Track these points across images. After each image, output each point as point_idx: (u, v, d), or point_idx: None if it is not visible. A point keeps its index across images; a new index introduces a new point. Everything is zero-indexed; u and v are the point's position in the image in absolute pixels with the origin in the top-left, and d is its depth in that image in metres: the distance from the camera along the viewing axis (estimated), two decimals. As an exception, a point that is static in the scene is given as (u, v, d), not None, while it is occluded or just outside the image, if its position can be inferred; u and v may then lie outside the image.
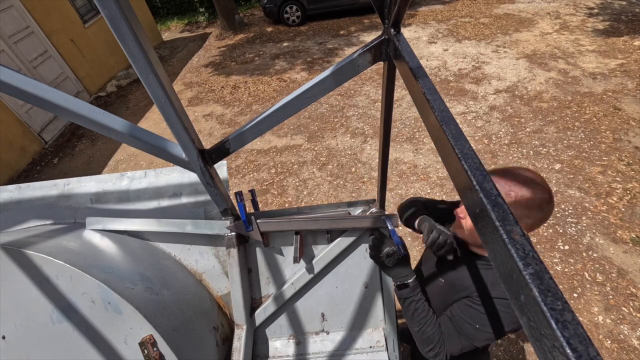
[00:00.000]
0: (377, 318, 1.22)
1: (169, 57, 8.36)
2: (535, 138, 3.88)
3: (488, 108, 4.50)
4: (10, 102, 4.79)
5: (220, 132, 4.98)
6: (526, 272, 0.28)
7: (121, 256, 1.02)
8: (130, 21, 0.55)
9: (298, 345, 1.22)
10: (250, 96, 5.80)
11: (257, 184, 3.87)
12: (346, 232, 1.12)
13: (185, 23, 11.14)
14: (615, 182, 3.18)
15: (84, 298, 0.85)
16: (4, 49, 5.00)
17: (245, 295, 1.12)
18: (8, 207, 1.10)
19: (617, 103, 4.18)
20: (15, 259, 0.83)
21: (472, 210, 0.38)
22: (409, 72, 0.56)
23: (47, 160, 5.10)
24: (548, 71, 5.06)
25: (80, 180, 1.15)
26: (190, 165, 0.82)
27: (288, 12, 8.56)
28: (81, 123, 0.70)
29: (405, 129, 4.36)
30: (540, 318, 0.26)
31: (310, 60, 6.76)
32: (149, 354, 0.85)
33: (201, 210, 1.13)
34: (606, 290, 2.42)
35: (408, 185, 3.51)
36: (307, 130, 4.67)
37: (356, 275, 1.18)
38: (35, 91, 0.65)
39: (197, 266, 1.19)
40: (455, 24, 7.26)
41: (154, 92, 0.66)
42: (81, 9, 6.85)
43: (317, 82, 0.71)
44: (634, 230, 2.76)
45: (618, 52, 5.21)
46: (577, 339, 0.24)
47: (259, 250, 1.16)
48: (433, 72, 5.52)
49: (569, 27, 6.25)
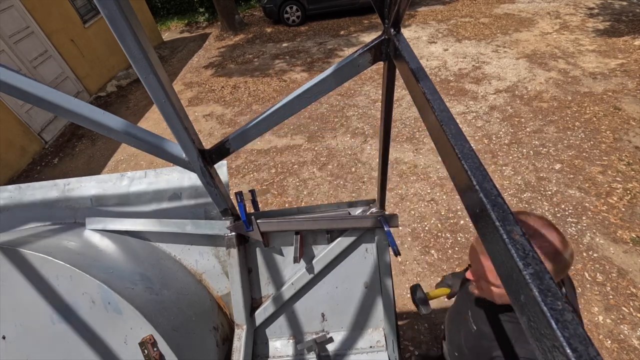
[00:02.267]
0: (377, 318, 1.22)
1: (169, 57, 8.36)
2: (535, 138, 3.87)
3: (488, 108, 4.50)
4: (11, 102, 4.79)
5: (220, 132, 4.98)
6: (526, 272, 0.28)
7: (121, 256, 1.02)
8: (130, 21, 0.55)
9: (298, 345, 1.22)
10: (250, 96, 5.80)
11: (257, 184, 3.87)
12: (346, 232, 1.12)
13: (185, 23, 11.14)
14: (615, 182, 3.18)
15: (84, 298, 0.85)
16: (4, 49, 5.00)
17: (245, 295, 1.12)
18: (8, 207, 1.10)
19: (617, 103, 4.18)
20: (15, 259, 0.83)
21: (472, 210, 0.38)
22: (409, 72, 0.56)
23: (47, 161, 5.11)
24: (548, 71, 5.06)
25: (81, 181, 1.15)
26: (190, 165, 0.82)
27: (288, 12, 8.56)
28: (81, 123, 0.70)
29: (405, 129, 4.36)
30: (541, 318, 0.26)
31: (310, 60, 6.76)
32: (149, 354, 0.85)
33: (201, 210, 1.13)
34: (606, 290, 2.42)
35: (408, 185, 3.51)
36: (307, 130, 4.67)
37: (356, 275, 1.18)
38: (35, 91, 0.65)
39: (197, 266, 1.19)
40: (455, 23, 7.25)
41: (154, 92, 0.66)
42: (81, 9, 6.85)
43: (318, 82, 0.71)
44: (634, 230, 2.76)
45: (618, 52, 5.21)
46: (577, 339, 0.24)
47: (259, 250, 1.16)
48: (433, 72, 5.52)
49: (569, 27, 6.25)
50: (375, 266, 1.16)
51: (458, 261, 2.74)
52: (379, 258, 1.14)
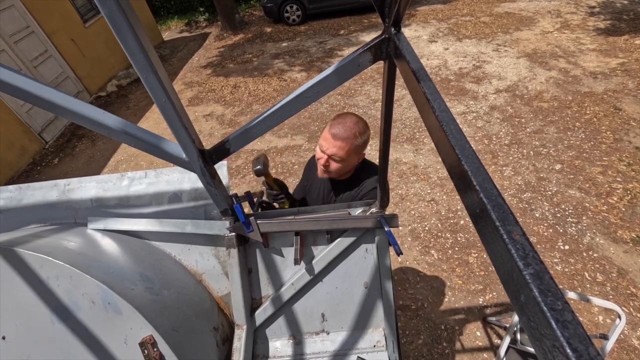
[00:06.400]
0: (378, 318, 1.22)
1: (169, 57, 8.36)
2: (535, 138, 3.87)
3: (488, 108, 4.49)
4: (11, 102, 4.79)
5: (220, 132, 4.98)
6: (526, 272, 0.28)
7: (121, 256, 1.02)
8: (130, 20, 0.55)
9: (298, 345, 1.22)
10: (250, 96, 5.80)
11: (257, 184, 3.87)
12: (346, 232, 1.12)
13: (185, 22, 11.14)
14: (615, 182, 3.18)
15: (84, 298, 0.85)
16: (5, 48, 5.00)
17: (245, 295, 1.12)
18: (8, 207, 1.10)
19: (617, 103, 4.18)
20: (14, 260, 0.83)
21: (473, 210, 0.38)
22: (409, 71, 0.56)
23: (47, 161, 5.11)
24: (549, 70, 5.05)
25: (81, 181, 1.15)
26: (190, 165, 0.82)
27: (288, 12, 8.55)
28: (81, 123, 0.70)
29: (405, 129, 4.36)
30: (541, 318, 0.26)
31: (310, 60, 6.76)
32: (149, 354, 0.85)
33: (201, 210, 1.13)
34: (606, 290, 2.42)
35: (408, 185, 3.51)
36: (308, 130, 4.66)
37: (356, 275, 1.18)
38: (35, 91, 0.65)
39: (197, 266, 1.19)
40: (455, 22, 7.25)
41: (154, 92, 0.66)
42: (81, 9, 6.85)
43: (318, 81, 0.71)
44: (634, 230, 2.76)
45: (619, 51, 5.20)
46: (577, 339, 0.24)
47: (259, 250, 1.16)
48: (433, 72, 5.51)
49: (570, 26, 6.24)
50: (375, 266, 1.16)
51: (458, 261, 2.74)
52: (379, 258, 1.14)
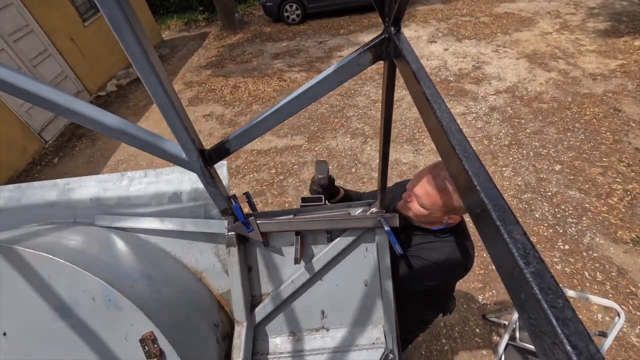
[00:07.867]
0: (377, 315, 1.23)
1: (169, 56, 8.35)
2: (535, 139, 3.88)
3: (488, 109, 4.50)
4: (10, 101, 4.79)
5: (220, 132, 4.98)
6: (527, 270, 0.28)
7: (121, 254, 1.02)
8: (130, 20, 0.54)
9: (298, 342, 1.22)
10: (250, 96, 5.80)
11: (257, 184, 3.87)
12: (346, 232, 1.12)
13: (184, 22, 11.12)
14: (615, 183, 3.19)
15: (84, 296, 0.85)
16: (4, 47, 5.00)
17: (245, 293, 1.12)
18: (8, 206, 1.11)
19: (617, 104, 4.18)
20: (15, 258, 0.83)
21: (473, 210, 0.38)
22: (409, 71, 0.56)
23: (47, 160, 5.11)
24: (548, 71, 5.06)
25: (81, 180, 1.15)
26: (190, 165, 0.82)
27: (288, 11, 8.55)
28: (81, 122, 0.70)
29: (405, 129, 4.36)
30: (541, 316, 0.26)
31: (310, 59, 6.76)
32: (150, 351, 0.85)
33: (201, 210, 1.14)
34: (606, 289, 2.43)
35: (408, 185, 3.51)
36: (307, 130, 4.67)
37: (356, 273, 1.18)
38: (35, 90, 0.65)
39: (197, 264, 1.19)
40: (455, 23, 7.25)
41: (154, 92, 0.65)
42: (81, 8, 6.84)
43: (318, 81, 0.71)
44: (634, 230, 2.76)
45: (618, 53, 5.21)
46: (578, 336, 0.24)
47: (258, 248, 1.16)
48: (433, 72, 5.52)
49: (570, 27, 6.25)
50: (375, 265, 1.16)
51: (458, 261, 2.75)
52: (379, 257, 1.14)
